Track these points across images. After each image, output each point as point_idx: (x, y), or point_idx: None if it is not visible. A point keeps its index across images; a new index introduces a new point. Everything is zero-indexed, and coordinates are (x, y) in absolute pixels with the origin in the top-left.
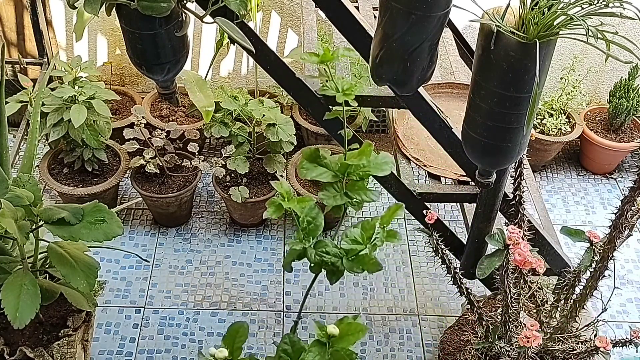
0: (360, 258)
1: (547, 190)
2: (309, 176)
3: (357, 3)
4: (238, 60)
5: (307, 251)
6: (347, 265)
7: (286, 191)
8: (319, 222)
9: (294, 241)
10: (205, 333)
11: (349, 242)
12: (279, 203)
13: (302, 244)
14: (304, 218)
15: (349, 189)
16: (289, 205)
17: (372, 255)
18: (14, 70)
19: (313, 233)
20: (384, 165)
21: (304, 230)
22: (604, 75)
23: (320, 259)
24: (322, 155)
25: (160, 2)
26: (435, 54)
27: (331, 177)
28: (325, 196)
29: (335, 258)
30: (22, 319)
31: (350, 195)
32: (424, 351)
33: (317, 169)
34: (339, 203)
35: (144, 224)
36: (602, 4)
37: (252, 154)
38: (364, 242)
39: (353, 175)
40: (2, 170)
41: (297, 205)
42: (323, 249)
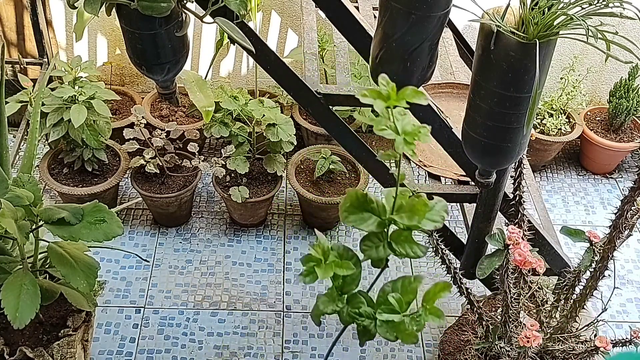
0: (396, 326)
1: (547, 190)
2: (353, 224)
3: (357, 3)
4: (238, 60)
5: (340, 311)
6: (381, 331)
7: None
8: (355, 276)
9: (325, 300)
10: (205, 333)
11: (385, 310)
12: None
13: (335, 305)
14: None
15: (393, 240)
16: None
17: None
18: (14, 70)
19: (348, 289)
20: (436, 217)
21: (338, 287)
22: (604, 75)
23: (352, 320)
24: (369, 199)
25: (160, 2)
26: (435, 54)
27: (377, 226)
28: (367, 247)
29: (368, 320)
30: (22, 319)
31: (395, 247)
32: (424, 351)
33: (362, 215)
34: (382, 257)
35: (144, 224)
36: (602, 4)
37: (252, 154)
38: (402, 309)
39: (400, 224)
40: (2, 170)
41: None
42: (357, 310)
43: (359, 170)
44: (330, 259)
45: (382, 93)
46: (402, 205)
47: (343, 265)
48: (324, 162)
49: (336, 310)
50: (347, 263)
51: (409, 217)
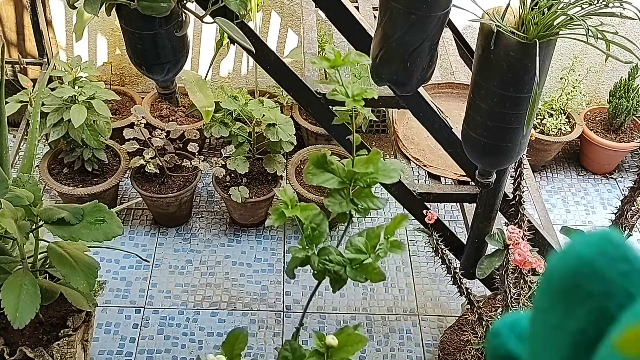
0: (364, 267)
1: (547, 190)
2: (316, 182)
3: (357, 3)
4: (238, 60)
5: (310, 259)
6: (351, 274)
7: (290, 198)
8: (323, 229)
9: (297, 248)
10: (205, 333)
11: (352, 251)
12: (281, 211)
13: (305, 251)
14: (307, 225)
15: (355, 196)
16: (292, 213)
17: (375, 265)
18: (14, 70)
19: (317, 240)
20: (392, 173)
21: (308, 237)
22: (604, 75)
23: (323, 267)
24: (329, 160)
25: (160, 2)
26: (435, 54)
27: (338, 184)
28: (331, 203)
29: (338, 266)
30: (22, 319)
31: (357, 202)
32: (424, 351)
33: (324, 174)
34: (345, 210)
35: (144, 224)
36: (602, 4)
37: (252, 154)
38: (368, 251)
39: (360, 182)
40: (2, 170)
41: (301, 213)
42: (327, 257)
43: None
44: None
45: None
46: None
47: (308, 207)
48: None
49: (308, 256)
50: (311, 205)
51: (365, 166)
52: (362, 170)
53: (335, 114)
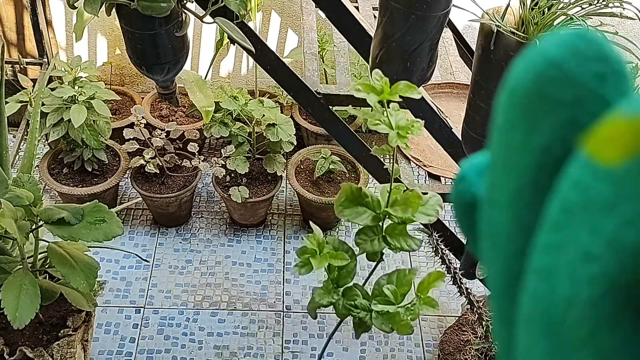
0: (391, 317)
1: None
2: (347, 217)
3: (357, 3)
4: (238, 60)
5: (335, 304)
6: (376, 323)
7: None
8: (350, 268)
9: (321, 292)
10: (205, 333)
11: (380, 301)
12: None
13: (330, 297)
14: (334, 267)
15: (388, 234)
16: (322, 265)
17: (404, 318)
18: (13, 70)
19: (343, 281)
20: (430, 211)
21: (334, 279)
22: None
23: (348, 312)
24: (364, 193)
25: (160, 2)
26: (435, 54)
27: (371, 220)
28: (362, 240)
29: (364, 312)
30: (21, 319)
31: (390, 241)
32: (424, 351)
33: (356, 209)
34: (377, 250)
35: (144, 224)
36: (602, 4)
37: (252, 154)
38: (397, 300)
39: (394, 217)
40: (2, 170)
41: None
42: (352, 302)
43: (359, 170)
44: (325, 250)
45: (376, 87)
46: (397, 199)
47: (338, 256)
48: (324, 162)
49: (332, 302)
50: (341, 254)
51: (402, 209)
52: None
53: (336, 114)
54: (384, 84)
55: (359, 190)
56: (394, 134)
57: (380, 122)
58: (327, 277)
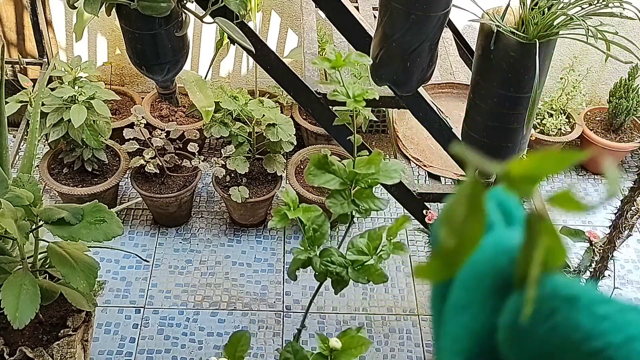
0: (366, 268)
1: (547, 190)
2: (317, 183)
3: (357, 3)
4: (238, 60)
5: (312, 260)
6: (353, 276)
7: (292, 200)
8: (324, 230)
9: (299, 250)
10: (205, 333)
11: (354, 252)
12: (284, 212)
13: (307, 252)
14: (309, 226)
15: (356, 197)
16: (295, 214)
17: (377, 266)
18: (14, 70)
19: (318, 241)
20: (393, 173)
21: (310, 238)
22: (603, 75)
23: (325, 269)
24: (330, 161)
25: (160, 2)
26: (435, 54)
27: (339, 185)
28: (332, 204)
29: (340, 268)
30: (21, 319)
31: (358, 203)
32: (424, 351)
33: (324, 175)
34: (346, 211)
35: (144, 224)
36: (602, 4)
37: (252, 154)
38: (370, 252)
39: (361, 182)
40: (2, 170)
41: (303, 215)
42: (328, 258)
43: None
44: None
45: (329, 58)
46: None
47: (310, 209)
48: None
49: (310, 257)
50: (314, 207)
51: (366, 167)
52: (364, 171)
53: (336, 114)
54: (337, 54)
55: (325, 157)
56: (351, 100)
57: (338, 92)
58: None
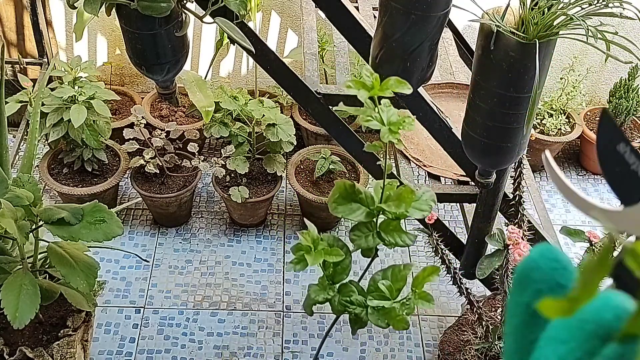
0: (387, 312)
1: (547, 190)
2: (341, 214)
3: (357, 3)
4: (238, 60)
5: (331, 300)
6: (372, 319)
7: (313, 239)
8: (345, 265)
9: (316, 288)
10: (205, 333)
11: (376, 297)
12: (302, 256)
13: (325, 293)
14: (329, 262)
15: (382, 229)
16: (316, 261)
17: (400, 312)
18: (13, 70)
19: (339, 277)
20: (424, 206)
21: (329, 276)
22: (603, 75)
23: (344, 309)
24: (357, 190)
25: (160, 2)
26: (435, 54)
27: (365, 216)
28: (356, 237)
29: (360, 309)
30: (21, 319)
31: (384, 237)
32: (424, 351)
33: (350, 205)
34: (371, 245)
35: (144, 224)
36: (602, 4)
37: (252, 154)
38: (392, 296)
39: (388, 213)
40: (2, 170)
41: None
42: (348, 298)
43: (359, 170)
44: (320, 247)
45: (366, 83)
46: (390, 195)
47: (332, 252)
48: (324, 162)
49: (327, 299)
50: (336, 250)
51: (396, 205)
52: (393, 209)
53: (336, 115)
54: (375, 80)
55: (353, 186)
56: (386, 129)
57: (372, 118)
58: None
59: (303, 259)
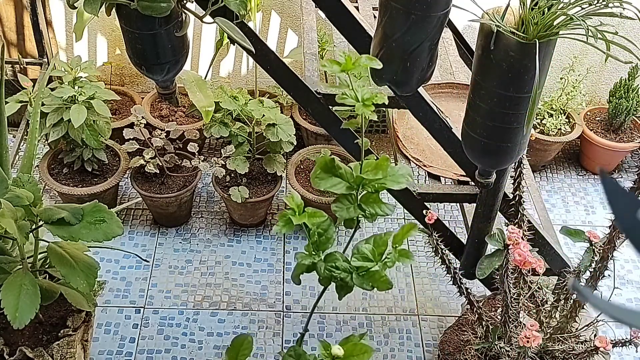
0: (371, 275)
1: (547, 190)
2: (323, 187)
3: (357, 3)
4: (238, 60)
5: (316, 265)
6: (357, 282)
7: (297, 204)
8: (329, 235)
9: (303, 254)
10: (205, 333)
11: (359, 258)
12: (288, 218)
13: (312, 258)
14: (314, 231)
15: (363, 201)
16: (300, 220)
17: (383, 273)
18: (13, 70)
19: (323, 246)
20: (400, 178)
21: (314, 243)
22: (603, 75)
23: (330, 274)
24: (337, 165)
25: (160, 2)
26: (435, 54)
27: (345, 189)
28: (338, 208)
29: (345, 273)
30: (21, 319)
31: (364, 207)
32: (424, 351)
33: (331, 179)
34: (353, 216)
35: (144, 224)
36: (602, 4)
37: (252, 154)
38: (375, 259)
39: (368, 187)
40: (2, 170)
41: (308, 220)
42: (333, 264)
43: None
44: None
45: (339, 61)
46: (368, 167)
47: (316, 214)
48: None
49: (314, 263)
50: (319, 212)
51: (373, 173)
52: (371, 176)
53: (336, 115)
54: (347, 58)
55: (332, 161)
56: (360, 105)
57: (347, 95)
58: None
59: (289, 221)
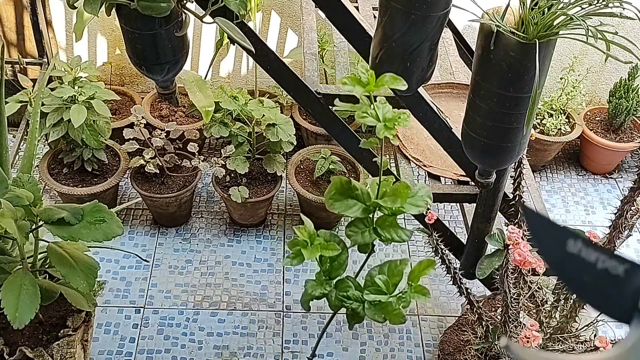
0: (384, 307)
1: (547, 190)
2: (337, 210)
3: (357, 3)
4: (238, 60)
5: (328, 295)
6: (369, 313)
7: (309, 234)
8: (342, 260)
9: (313, 284)
10: (205, 333)
11: (372, 291)
12: (299, 250)
13: (322, 288)
14: (326, 258)
15: (378, 225)
16: (312, 255)
17: (397, 306)
18: (13, 70)
19: (335, 273)
20: (419, 201)
21: (326, 271)
22: (603, 75)
23: (341, 304)
24: (354, 186)
25: (160, 2)
26: (435, 54)
27: (361, 212)
28: (352, 232)
29: (357, 303)
30: (21, 319)
31: (380, 232)
32: (424, 351)
33: (347, 201)
34: (368, 241)
35: (144, 224)
36: (602, 4)
37: (252, 154)
38: (389, 290)
39: (384, 209)
40: (2, 170)
41: (322, 252)
42: (345, 293)
43: (359, 170)
44: (316, 242)
45: (362, 80)
46: (386, 191)
47: (329, 246)
48: (323, 162)
49: (324, 294)
50: (332, 244)
51: (392, 200)
52: (389, 204)
53: (336, 115)
54: (370, 76)
55: (349, 182)
56: (381, 125)
57: (368, 114)
58: (319, 269)
59: (299, 253)
